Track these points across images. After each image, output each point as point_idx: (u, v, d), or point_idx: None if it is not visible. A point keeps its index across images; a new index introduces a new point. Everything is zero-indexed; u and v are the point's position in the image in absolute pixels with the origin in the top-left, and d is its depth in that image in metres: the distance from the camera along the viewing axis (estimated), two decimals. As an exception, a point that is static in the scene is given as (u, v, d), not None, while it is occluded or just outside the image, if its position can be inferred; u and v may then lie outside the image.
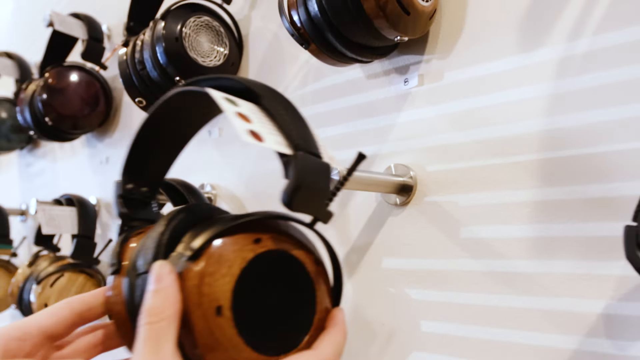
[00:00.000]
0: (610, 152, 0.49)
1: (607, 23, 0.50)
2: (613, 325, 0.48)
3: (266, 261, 0.36)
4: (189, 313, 0.34)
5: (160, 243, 0.35)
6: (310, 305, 0.38)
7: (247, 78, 0.40)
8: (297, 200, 0.34)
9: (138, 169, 0.44)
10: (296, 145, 0.36)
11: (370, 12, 0.54)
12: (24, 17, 1.64)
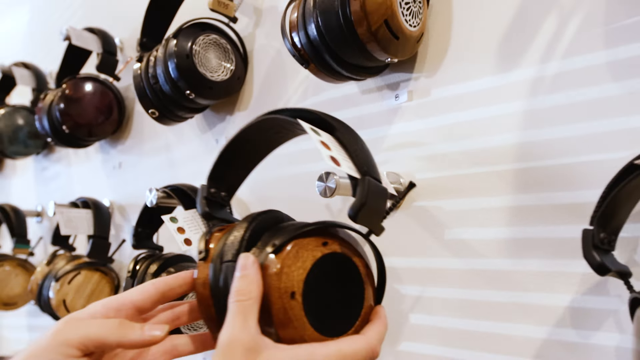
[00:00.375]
0: (576, 163, 0.53)
1: (573, 48, 0.55)
2: (578, 316, 0.53)
3: (330, 261, 0.44)
4: (268, 296, 0.41)
5: (244, 239, 0.44)
6: (359, 301, 0.46)
7: (324, 112, 0.49)
8: (361, 215, 0.43)
9: (220, 177, 0.54)
10: (364, 171, 0.45)
11: (363, 37, 0.59)
12: (39, 27, 1.69)
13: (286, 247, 0.42)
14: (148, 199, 0.84)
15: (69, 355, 0.40)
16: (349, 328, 0.45)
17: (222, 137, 0.94)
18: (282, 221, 0.49)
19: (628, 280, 0.45)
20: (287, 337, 0.42)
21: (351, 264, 0.46)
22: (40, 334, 0.41)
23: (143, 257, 0.89)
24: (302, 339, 0.42)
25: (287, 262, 0.42)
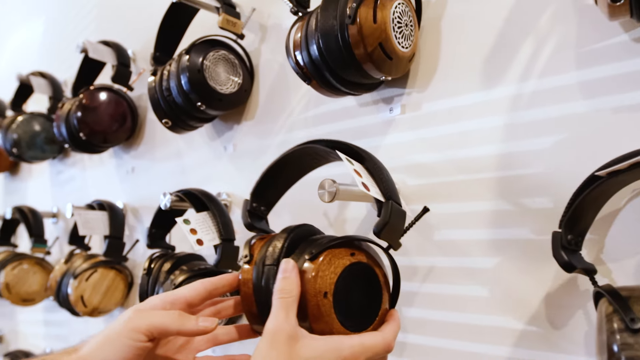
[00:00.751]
0: (550, 172, 0.58)
1: (548, 69, 0.60)
2: (551, 309, 0.58)
3: (356, 268, 0.52)
4: (305, 295, 0.49)
5: (284, 247, 0.52)
6: (377, 304, 0.53)
7: (356, 145, 0.58)
8: (384, 232, 0.53)
9: (261, 194, 0.63)
10: (388, 196, 0.55)
11: (360, 57, 0.64)
12: (54, 38, 1.73)
13: (321, 256, 0.50)
14: (162, 202, 0.89)
15: (137, 339, 0.46)
16: (368, 326, 0.52)
17: (230, 144, 0.99)
18: (314, 233, 0.57)
19: (593, 276, 0.50)
20: (319, 330, 0.49)
21: (372, 272, 0.53)
22: (112, 322, 0.48)
23: (157, 256, 0.94)
24: (331, 331, 0.49)
25: (322, 267, 0.50)
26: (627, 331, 0.43)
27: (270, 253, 0.53)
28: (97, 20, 1.49)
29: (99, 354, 0.46)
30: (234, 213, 0.96)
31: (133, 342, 0.46)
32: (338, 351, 0.48)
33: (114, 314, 1.25)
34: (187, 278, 0.84)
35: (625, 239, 0.54)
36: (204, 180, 1.04)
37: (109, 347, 0.46)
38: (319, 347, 0.48)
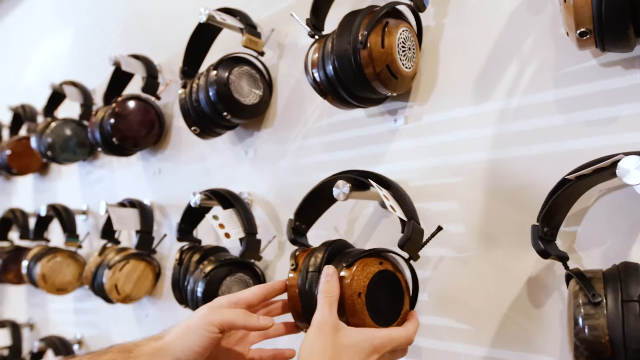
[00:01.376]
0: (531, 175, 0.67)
1: (530, 87, 0.68)
2: (533, 291, 0.66)
3: (383, 275, 0.63)
4: (343, 295, 0.60)
5: (324, 257, 0.65)
6: (400, 305, 0.65)
7: (384, 175, 0.71)
8: (406, 246, 0.63)
9: (303, 214, 0.75)
10: (410, 217, 0.67)
11: (369, 76, 0.72)
12: (83, 50, 1.80)
13: (355, 264, 0.62)
14: (192, 200, 0.97)
15: (212, 331, 0.57)
16: (393, 322, 0.63)
17: (251, 149, 1.07)
18: (347, 247, 0.70)
19: (565, 262, 0.58)
20: (354, 323, 0.60)
21: (396, 278, 0.65)
22: (189, 317, 0.59)
23: (187, 248, 1.02)
24: (363, 325, 0.60)
25: (356, 273, 0.61)
26: (590, 304, 0.51)
27: (312, 262, 0.65)
28: (124, 34, 1.56)
29: (181, 342, 0.57)
30: (255, 210, 1.03)
31: (208, 333, 0.57)
32: (370, 340, 0.58)
33: (142, 302, 1.33)
34: (215, 267, 0.92)
35: (594, 231, 0.62)
36: (226, 181, 1.12)
37: (189, 336, 0.57)
38: (355, 336, 0.58)
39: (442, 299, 0.75)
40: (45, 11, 2.14)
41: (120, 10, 1.59)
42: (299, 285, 0.65)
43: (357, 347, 0.58)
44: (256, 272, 0.98)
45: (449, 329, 0.74)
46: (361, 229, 0.86)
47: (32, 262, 1.50)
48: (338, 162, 0.91)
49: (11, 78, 2.36)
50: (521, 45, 0.69)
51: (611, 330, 0.49)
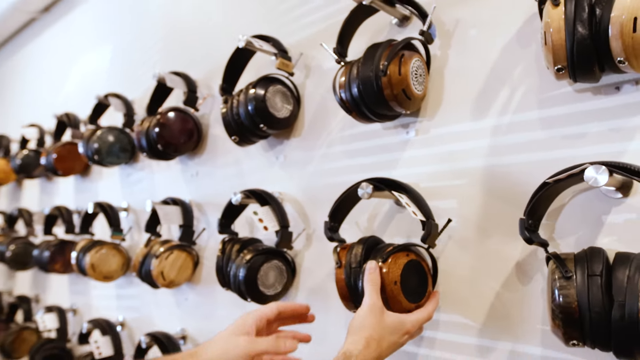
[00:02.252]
0: (520, 179, 0.79)
1: (519, 107, 0.80)
2: (520, 271, 0.78)
3: (410, 264, 0.79)
4: (383, 283, 0.76)
5: (362, 253, 0.80)
6: (425, 284, 0.81)
7: (404, 183, 0.86)
8: (428, 240, 0.80)
9: (335, 215, 0.90)
10: (428, 216, 0.82)
11: (388, 98, 0.84)
12: (122, 64, 1.90)
13: (390, 258, 0.77)
14: (234, 198, 1.09)
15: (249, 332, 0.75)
16: (421, 300, 0.80)
17: (281, 155, 1.19)
18: (379, 242, 0.87)
19: (546, 247, 0.70)
20: (392, 305, 0.77)
21: (421, 266, 0.81)
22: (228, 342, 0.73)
23: (227, 240, 1.14)
24: (401, 305, 0.77)
25: (391, 266, 0.77)
26: (563, 278, 0.63)
27: (353, 259, 0.81)
28: (162, 51, 1.67)
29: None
30: (286, 207, 1.15)
31: (251, 330, 0.75)
32: (404, 324, 0.75)
33: (182, 287, 1.45)
34: (254, 255, 1.04)
35: (569, 223, 0.74)
36: (259, 182, 1.23)
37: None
38: (395, 319, 0.74)
39: (447, 276, 0.87)
40: (85, 27, 2.25)
41: (159, 29, 1.70)
42: (345, 279, 0.82)
43: (395, 328, 0.74)
44: (288, 259, 1.10)
45: (453, 299, 0.86)
46: (379, 223, 0.98)
47: (81, 253, 1.62)
48: (358, 167, 1.03)
49: (51, 88, 2.47)
50: (512, 73, 0.81)
51: (579, 297, 0.61)
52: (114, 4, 2.03)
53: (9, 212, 2.49)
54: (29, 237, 2.23)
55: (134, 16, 1.88)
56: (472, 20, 0.87)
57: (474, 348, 0.83)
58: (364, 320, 0.72)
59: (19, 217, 2.29)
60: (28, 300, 2.26)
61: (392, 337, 0.73)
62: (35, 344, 1.96)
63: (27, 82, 2.81)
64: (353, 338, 0.71)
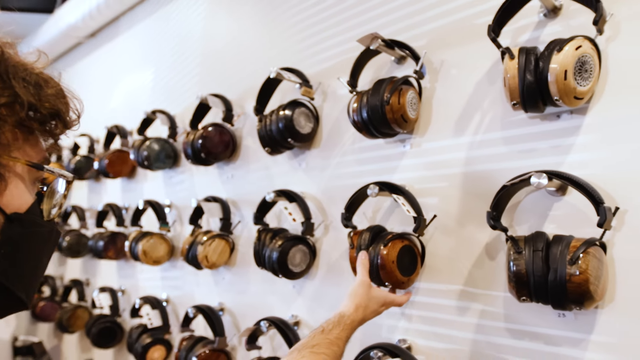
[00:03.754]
0: (487, 182, 0.97)
1: (488, 129, 0.98)
2: (489, 250, 0.96)
3: (405, 248, 0.97)
4: (384, 262, 0.96)
5: (370, 237, 1.00)
6: (415, 265, 0.99)
7: (398, 184, 1.07)
8: (418, 231, 1.00)
9: (349, 208, 1.11)
10: (419, 213, 1.02)
11: (390, 121, 1.02)
12: (163, 83, 2.07)
13: (389, 243, 0.94)
14: (267, 196, 1.28)
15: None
16: (411, 274, 0.98)
17: (304, 162, 1.37)
18: (383, 230, 1.03)
19: (506, 232, 0.88)
20: (389, 277, 0.95)
21: (413, 249, 0.99)
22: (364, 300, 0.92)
23: (262, 230, 1.32)
24: (397, 278, 0.94)
25: (390, 249, 0.95)
26: (516, 253, 0.81)
27: (362, 242, 1.00)
28: (200, 74, 1.85)
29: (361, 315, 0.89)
30: (308, 203, 1.32)
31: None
32: (384, 298, 0.93)
33: (219, 269, 1.63)
34: (284, 242, 1.22)
35: (523, 215, 0.93)
36: (285, 184, 1.42)
37: (367, 314, 0.90)
38: (378, 294, 0.93)
39: (432, 256, 1.05)
40: (129, 50, 2.42)
41: (197, 55, 1.88)
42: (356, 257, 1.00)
43: (378, 301, 0.92)
44: (310, 244, 1.28)
45: (438, 273, 1.05)
46: (382, 215, 1.16)
47: (134, 242, 1.80)
48: (365, 172, 1.21)
49: (98, 103, 2.63)
50: (482, 103, 1.00)
51: (527, 266, 0.80)
52: (155, 32, 2.20)
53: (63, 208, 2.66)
54: (82, 230, 2.40)
55: (174, 42, 2.05)
56: (454, 62, 1.05)
57: (454, 308, 1.01)
58: (356, 292, 0.91)
59: (72, 212, 2.46)
60: (80, 283, 2.43)
61: (374, 306, 0.92)
62: (90, 319, 2.14)
63: None
64: (346, 303, 0.90)
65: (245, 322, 1.52)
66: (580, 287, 0.75)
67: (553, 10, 0.92)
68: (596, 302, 0.78)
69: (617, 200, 0.82)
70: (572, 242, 0.79)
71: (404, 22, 1.16)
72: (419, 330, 1.07)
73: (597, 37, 0.83)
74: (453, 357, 1.01)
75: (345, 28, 1.29)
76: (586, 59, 0.80)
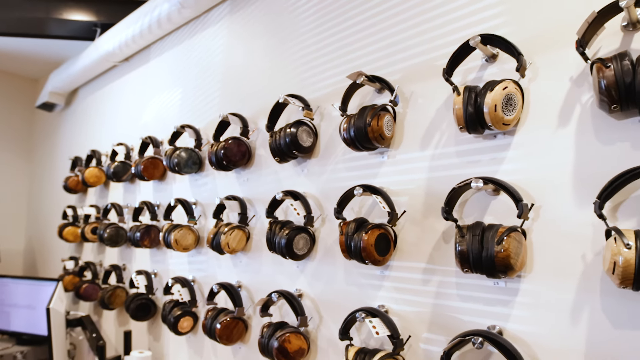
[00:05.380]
0: (441, 186, 1.16)
1: (445, 144, 1.17)
2: (444, 236, 1.15)
3: (381, 235, 1.14)
4: (365, 245, 1.11)
5: (355, 226, 1.15)
6: (389, 248, 1.14)
7: (377, 186, 1.28)
8: (391, 222, 1.17)
9: (341, 204, 1.26)
10: (392, 209, 1.19)
11: (371, 138, 1.21)
12: (189, 102, 2.24)
13: (370, 231, 1.08)
14: (277, 195, 1.46)
15: None
16: (385, 255, 1.11)
17: (305, 169, 1.56)
18: (365, 222, 1.16)
19: (456, 222, 1.07)
20: (369, 256, 1.09)
21: (387, 236, 1.14)
22: None
23: (273, 222, 1.51)
24: (374, 257, 1.09)
25: (370, 235, 1.10)
26: (460, 237, 1.00)
27: (349, 230, 1.14)
28: (220, 95, 2.03)
29: None
30: (309, 201, 1.51)
31: None
32: None
33: (238, 254, 1.81)
34: (290, 231, 1.41)
35: (470, 209, 1.11)
36: (290, 186, 1.60)
37: None
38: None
39: (402, 242, 1.24)
40: (159, 73, 2.58)
41: (218, 79, 2.06)
42: (345, 241, 1.16)
43: None
44: (310, 233, 1.47)
45: (407, 255, 1.23)
46: (365, 210, 1.35)
47: (167, 233, 1.97)
48: (352, 177, 1.40)
49: (132, 118, 2.79)
50: (441, 125, 1.19)
51: (467, 246, 0.99)
52: (182, 59, 2.37)
53: (101, 205, 2.84)
54: (120, 223, 2.58)
55: (198, 69, 2.22)
56: (420, 93, 1.24)
57: (419, 280, 1.20)
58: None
59: (111, 208, 2.64)
60: (119, 268, 2.61)
61: None
62: (128, 297, 2.31)
63: (109, 112, 3.11)
64: None
65: (258, 295, 1.70)
66: (504, 261, 0.94)
67: (492, 57, 1.11)
68: (517, 272, 0.96)
69: (534, 198, 1.01)
70: (499, 229, 0.97)
71: (383, 61, 1.34)
72: (393, 298, 1.26)
73: (520, 79, 1.02)
74: (419, 317, 1.20)
75: (338, 64, 1.48)
76: (511, 95, 0.99)
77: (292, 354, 1.36)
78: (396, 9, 1.32)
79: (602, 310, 0.89)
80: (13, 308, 2.69)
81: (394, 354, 1.15)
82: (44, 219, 3.76)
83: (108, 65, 3.08)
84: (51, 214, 3.65)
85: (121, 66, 3.05)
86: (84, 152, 3.25)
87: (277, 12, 1.76)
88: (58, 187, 3.60)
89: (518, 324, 1.00)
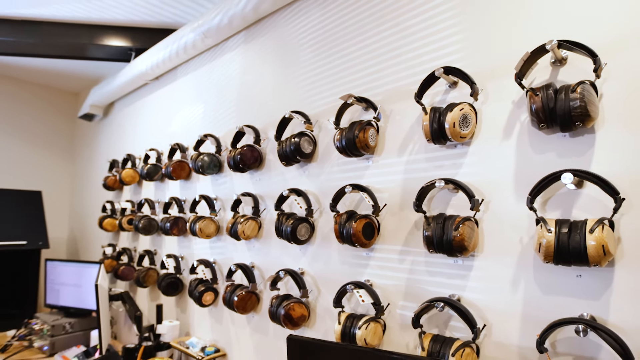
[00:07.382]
0: (414, 186, 1.28)
1: (417, 152, 1.29)
2: (416, 225, 1.27)
3: (367, 224, 1.23)
4: (355, 231, 1.19)
5: (346, 217, 1.24)
6: (373, 234, 1.24)
7: (363, 185, 1.40)
8: (375, 213, 1.24)
9: (335, 199, 1.34)
10: (375, 203, 1.27)
11: (358, 147, 1.33)
12: (210, 115, 2.34)
13: (358, 220, 1.18)
14: (284, 192, 1.58)
15: None
16: (370, 239, 1.21)
17: (307, 171, 1.67)
18: (355, 214, 1.24)
19: (425, 214, 1.20)
20: (357, 242, 1.18)
21: (372, 225, 1.24)
22: None
23: (280, 213, 1.62)
24: (362, 241, 1.18)
25: (359, 223, 1.19)
26: (427, 225, 1.12)
27: (342, 220, 1.23)
28: (237, 110, 2.14)
29: None
30: (310, 197, 1.63)
31: None
32: None
33: (251, 240, 1.92)
34: (294, 221, 1.53)
35: (435, 204, 1.23)
36: (294, 185, 1.70)
37: None
38: None
39: (384, 229, 1.36)
40: (185, 90, 2.67)
41: (234, 96, 2.15)
42: (338, 229, 1.25)
43: None
44: (311, 222, 1.58)
45: (388, 239, 1.35)
46: (355, 204, 1.47)
47: (192, 223, 2.08)
48: (344, 178, 1.51)
49: (161, 127, 2.89)
50: (414, 136, 1.31)
51: (432, 232, 1.11)
52: (204, 79, 2.46)
53: (136, 200, 2.94)
54: (152, 215, 2.69)
55: (218, 87, 2.32)
56: (398, 111, 1.36)
57: (397, 260, 1.32)
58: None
59: (144, 203, 2.75)
60: (151, 252, 2.72)
61: None
62: (159, 277, 2.42)
63: (142, 122, 3.18)
64: None
65: (268, 273, 1.81)
66: (459, 243, 1.06)
67: (453, 83, 1.23)
68: (470, 252, 1.09)
69: (484, 195, 1.13)
70: (457, 218, 1.10)
71: (368, 85, 1.46)
72: (377, 274, 1.38)
73: (474, 102, 1.14)
74: (396, 289, 1.32)
75: (333, 86, 1.60)
76: (467, 115, 1.12)
77: (295, 319, 1.48)
78: (380, 43, 1.44)
79: (534, 281, 1.01)
80: (62, 286, 2.80)
81: (376, 318, 1.27)
82: (85, 212, 3.87)
83: (141, 83, 3.17)
84: (91, 208, 3.76)
85: (152, 84, 3.14)
86: (119, 156, 3.34)
87: (283, 42, 1.87)
88: (97, 185, 3.70)
89: (472, 293, 1.13)
